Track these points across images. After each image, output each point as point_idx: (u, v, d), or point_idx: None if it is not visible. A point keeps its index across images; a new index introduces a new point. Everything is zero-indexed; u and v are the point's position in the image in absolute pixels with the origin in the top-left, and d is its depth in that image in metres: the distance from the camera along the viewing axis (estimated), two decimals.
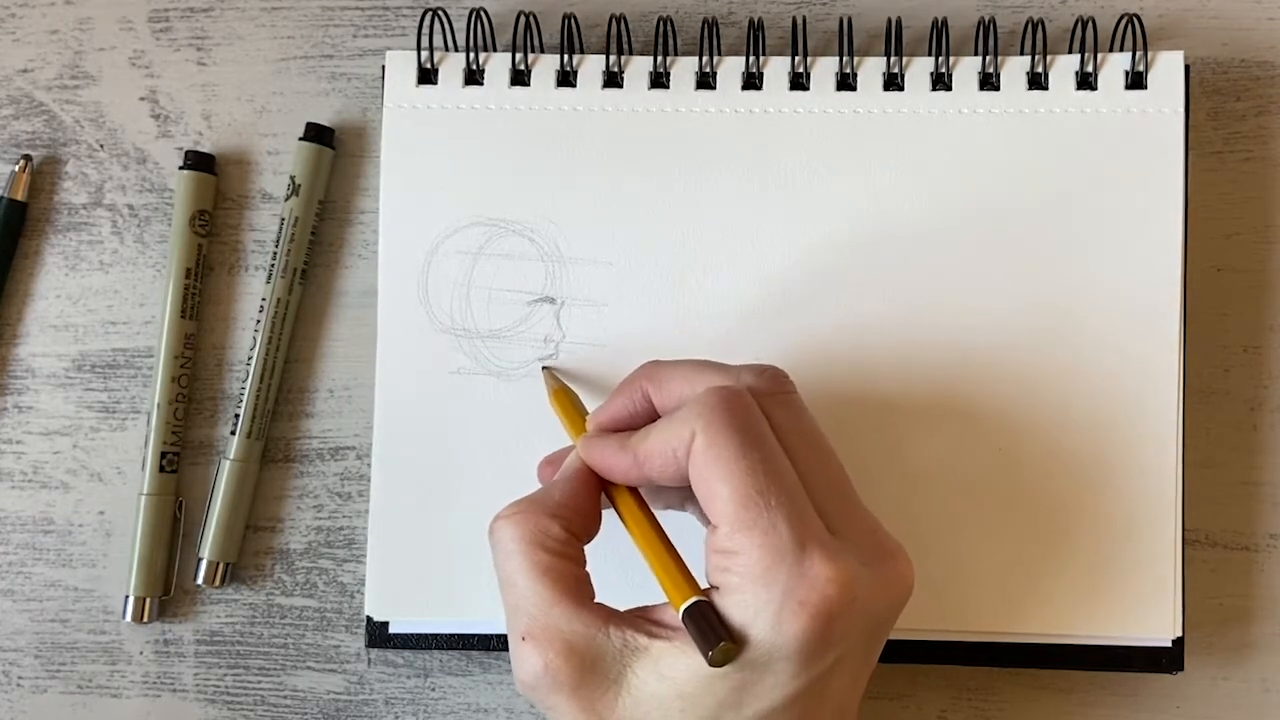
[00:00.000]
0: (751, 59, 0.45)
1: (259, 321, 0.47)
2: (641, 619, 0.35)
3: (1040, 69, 0.45)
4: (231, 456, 0.46)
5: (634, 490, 0.37)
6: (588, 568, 0.37)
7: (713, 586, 0.34)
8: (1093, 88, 0.45)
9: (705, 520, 0.36)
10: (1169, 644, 0.43)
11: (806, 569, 0.32)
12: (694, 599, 0.33)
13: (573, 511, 0.37)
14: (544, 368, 0.45)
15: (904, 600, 0.35)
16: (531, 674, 0.35)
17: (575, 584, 0.36)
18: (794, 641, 0.32)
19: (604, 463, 0.37)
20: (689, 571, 0.35)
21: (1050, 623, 0.44)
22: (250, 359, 0.47)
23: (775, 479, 0.33)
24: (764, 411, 0.36)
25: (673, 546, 0.36)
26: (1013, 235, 0.44)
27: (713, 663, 0.32)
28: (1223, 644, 0.46)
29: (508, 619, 0.36)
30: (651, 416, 0.38)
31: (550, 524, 0.36)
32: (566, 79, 0.46)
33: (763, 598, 0.32)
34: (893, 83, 0.45)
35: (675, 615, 0.34)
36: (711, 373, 0.37)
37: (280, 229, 0.47)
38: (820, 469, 0.36)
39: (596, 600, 0.36)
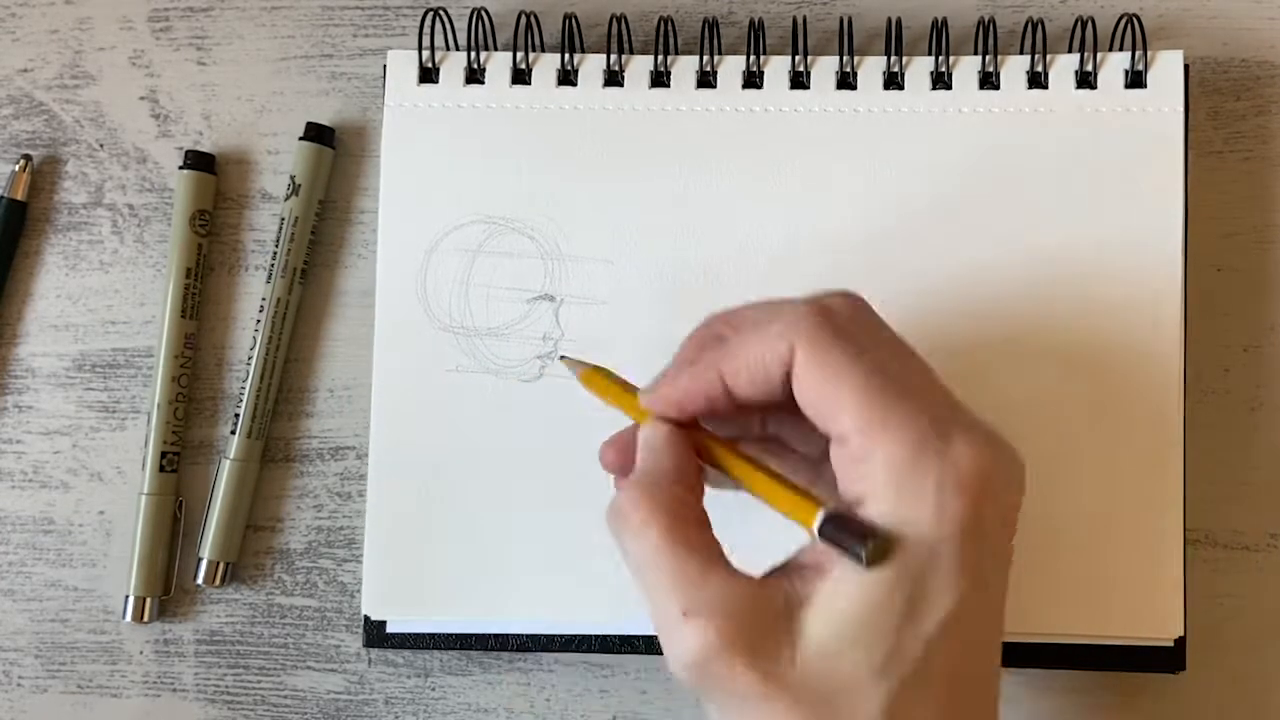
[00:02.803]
0: (752, 58, 0.45)
1: (259, 321, 0.47)
2: (792, 569, 0.33)
3: (1040, 68, 0.45)
4: (231, 456, 0.46)
5: (720, 439, 0.36)
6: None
7: (852, 502, 0.32)
8: (1092, 87, 0.45)
9: (798, 442, 0.35)
10: (1170, 644, 0.43)
11: (955, 455, 0.31)
12: (826, 509, 0.31)
13: (684, 475, 0.34)
14: (562, 357, 0.43)
15: (1024, 480, 0.34)
16: (698, 652, 0.32)
17: (718, 550, 0.33)
18: (956, 527, 0.31)
19: (686, 394, 0.35)
20: (811, 492, 0.33)
21: (1050, 623, 0.43)
22: (250, 359, 0.47)
23: (898, 374, 0.32)
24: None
25: (783, 475, 0.34)
26: (1013, 234, 0.44)
27: (870, 561, 0.30)
28: (1224, 644, 0.46)
29: (654, 604, 0.33)
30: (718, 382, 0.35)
31: (678, 491, 0.34)
32: (567, 78, 0.46)
33: (915, 491, 0.31)
34: (893, 82, 0.45)
35: (822, 550, 0.32)
36: (767, 307, 0.35)
37: (280, 229, 0.47)
38: (920, 370, 0.34)
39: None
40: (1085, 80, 0.45)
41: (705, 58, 0.46)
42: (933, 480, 0.31)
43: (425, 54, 0.46)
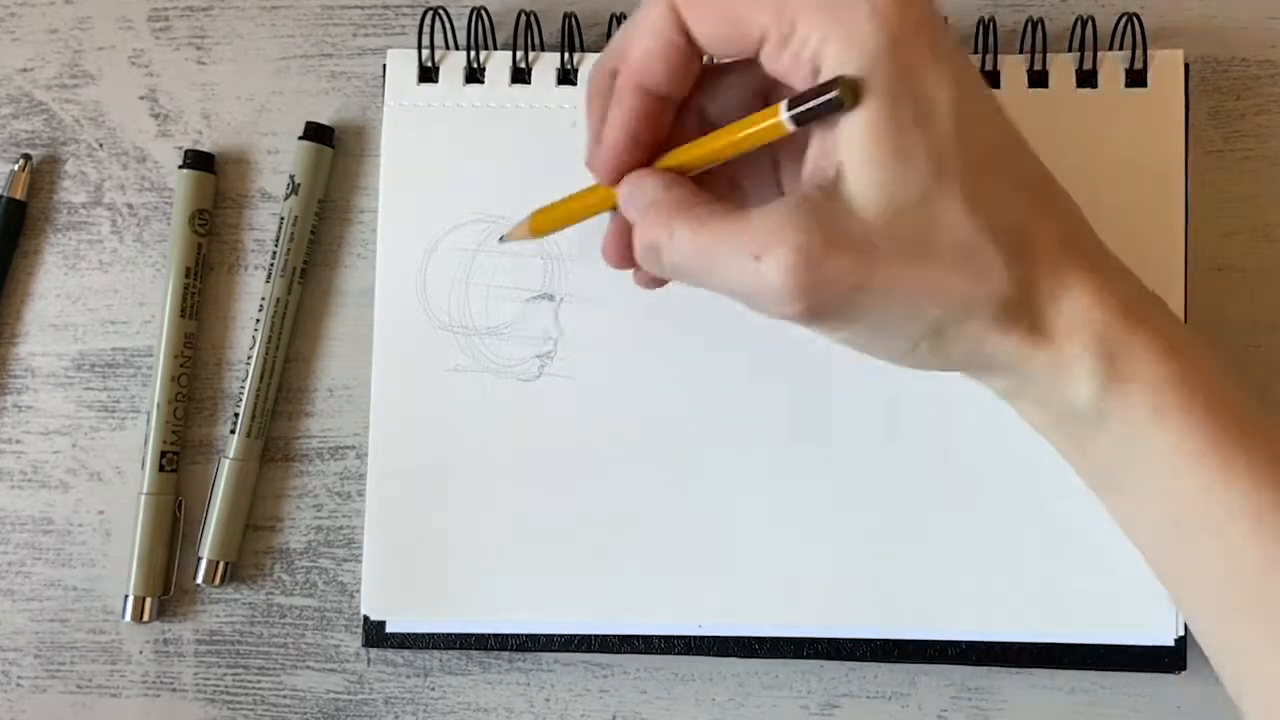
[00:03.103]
0: None
1: (258, 321, 0.47)
2: (805, 184, 0.33)
3: (1040, 68, 0.45)
4: (231, 456, 0.46)
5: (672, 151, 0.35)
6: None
7: (806, 64, 0.32)
8: (1093, 86, 0.45)
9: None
10: (1171, 643, 0.43)
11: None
12: (785, 100, 0.31)
13: (670, 183, 0.34)
14: (501, 238, 0.42)
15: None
16: (793, 274, 0.31)
17: (736, 207, 0.33)
18: (898, 29, 0.30)
19: (621, 127, 0.35)
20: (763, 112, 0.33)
21: (1050, 623, 0.43)
22: (250, 358, 0.47)
23: None
24: None
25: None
26: None
27: (849, 100, 0.30)
28: None
29: (732, 282, 0.32)
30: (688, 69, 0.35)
31: (674, 194, 0.34)
32: (567, 77, 0.46)
33: (847, 21, 0.30)
34: None
35: (815, 149, 0.32)
36: None
37: (280, 228, 0.47)
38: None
39: None
40: (1085, 80, 0.45)
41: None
42: (862, 11, 0.31)
43: (425, 53, 0.46)
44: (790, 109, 0.31)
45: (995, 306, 0.32)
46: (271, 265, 0.47)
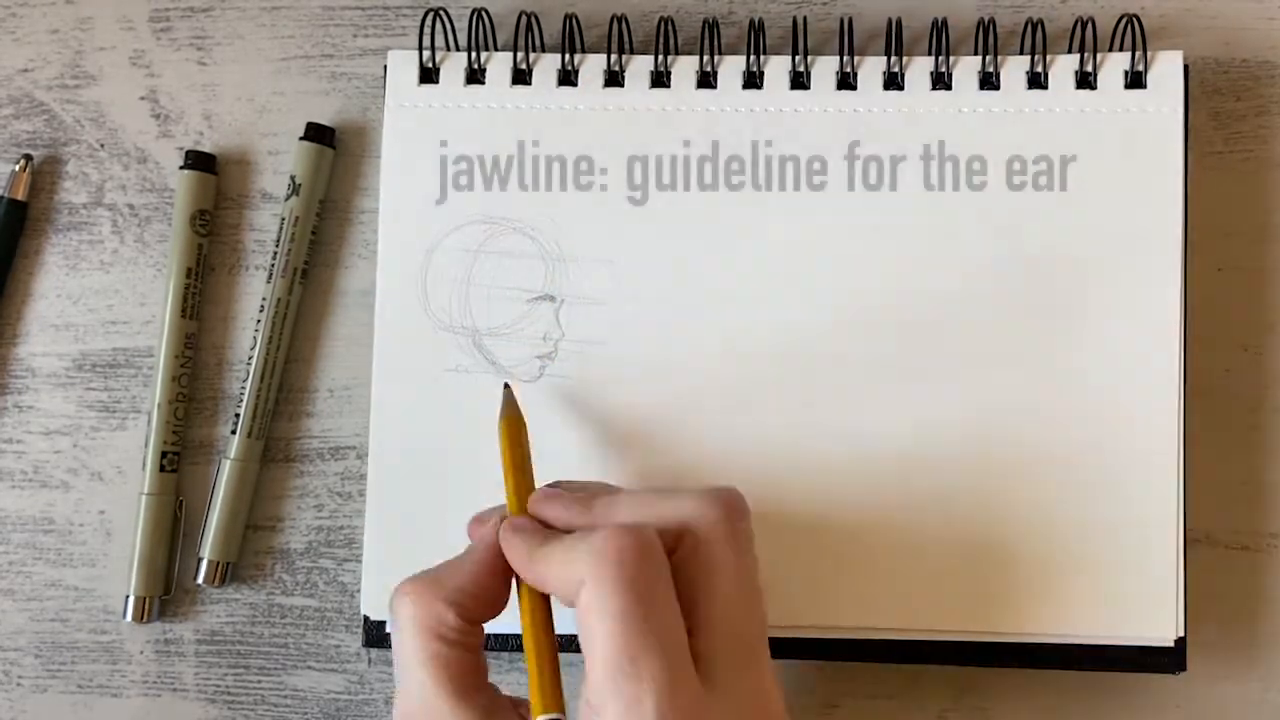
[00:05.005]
0: (752, 58, 0.45)
1: (259, 321, 0.47)
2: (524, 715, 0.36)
3: (1040, 68, 0.45)
4: (232, 456, 0.46)
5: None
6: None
7: None
8: (1092, 87, 0.45)
9: None
10: (1171, 644, 0.43)
11: None
12: (554, 716, 0.34)
13: (473, 598, 0.37)
14: (506, 385, 0.43)
15: None
16: None
17: (462, 673, 0.36)
18: None
19: (512, 563, 0.37)
20: (560, 687, 0.36)
21: (1050, 623, 0.43)
22: (250, 358, 0.47)
23: (654, 644, 0.33)
24: (701, 546, 0.36)
25: (556, 655, 0.36)
26: (1011, 234, 0.44)
27: None
28: (1224, 644, 0.46)
29: (396, 690, 0.36)
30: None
31: (446, 612, 0.36)
32: (567, 78, 0.46)
33: None
34: (893, 82, 0.45)
35: None
36: (648, 505, 0.37)
37: (280, 228, 0.47)
38: (733, 618, 0.36)
39: (489, 680, 0.37)
40: (1085, 81, 0.45)
41: (705, 58, 0.46)
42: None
43: (425, 54, 0.46)
44: None
45: None
46: (272, 265, 0.47)
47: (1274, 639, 0.46)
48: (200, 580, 0.46)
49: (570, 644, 0.42)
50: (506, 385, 0.43)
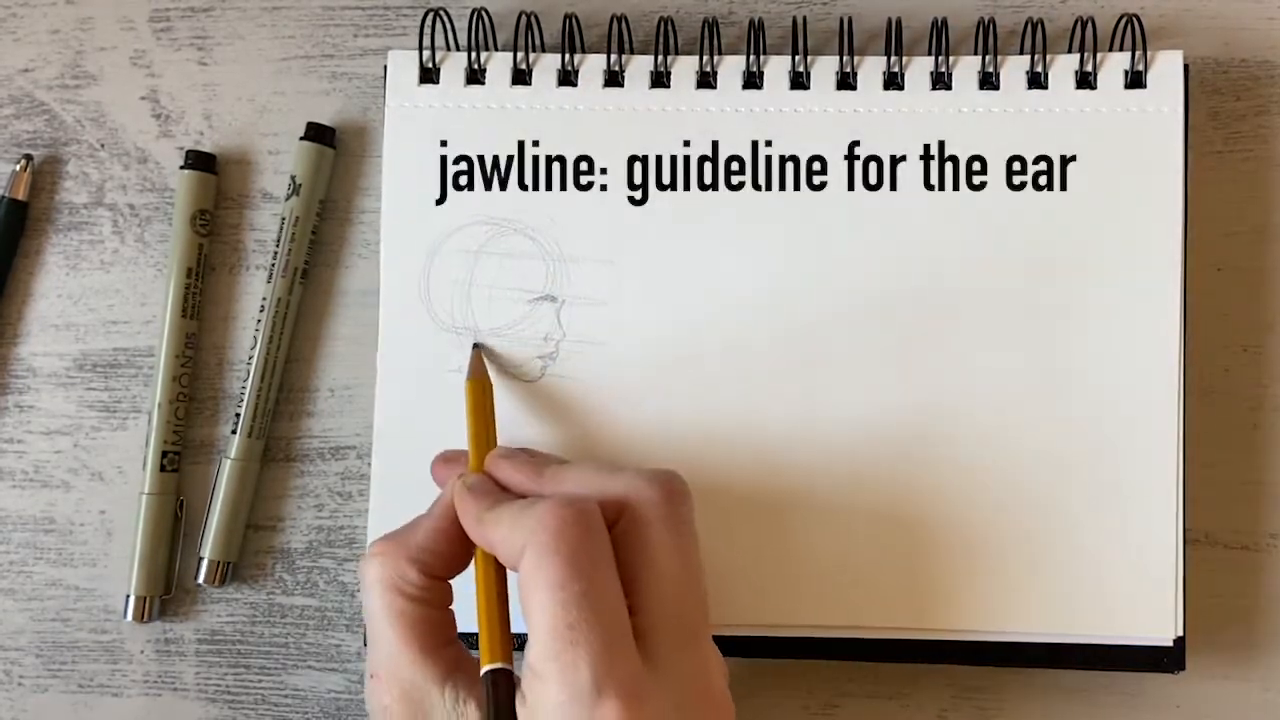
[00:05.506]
0: (752, 58, 0.45)
1: (260, 321, 0.47)
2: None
3: (1040, 68, 0.45)
4: (232, 456, 0.46)
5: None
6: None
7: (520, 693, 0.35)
8: (1092, 87, 0.45)
9: None
10: (1170, 644, 0.43)
11: (598, 715, 0.33)
12: (498, 665, 0.35)
13: (434, 555, 0.38)
14: (476, 345, 0.44)
15: None
16: (375, 710, 0.37)
17: (427, 629, 0.37)
18: None
19: (463, 524, 0.38)
20: (510, 640, 0.36)
21: (1050, 623, 0.44)
22: (251, 358, 0.47)
23: (591, 614, 0.33)
24: (640, 524, 0.36)
25: (506, 610, 0.37)
26: (1011, 233, 0.44)
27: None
28: (1224, 644, 0.46)
29: (367, 651, 0.38)
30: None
31: (409, 569, 0.37)
32: (567, 78, 0.46)
33: None
34: (893, 82, 0.45)
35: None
36: (593, 479, 0.38)
37: (281, 228, 0.47)
38: (672, 596, 0.36)
39: (457, 636, 0.38)
40: (1085, 80, 0.45)
41: (705, 58, 0.46)
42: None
43: (426, 54, 0.46)
44: (485, 674, 0.36)
45: None
46: (273, 265, 0.47)
47: (1274, 639, 0.46)
48: (201, 580, 0.46)
49: None
50: (476, 346, 0.44)
